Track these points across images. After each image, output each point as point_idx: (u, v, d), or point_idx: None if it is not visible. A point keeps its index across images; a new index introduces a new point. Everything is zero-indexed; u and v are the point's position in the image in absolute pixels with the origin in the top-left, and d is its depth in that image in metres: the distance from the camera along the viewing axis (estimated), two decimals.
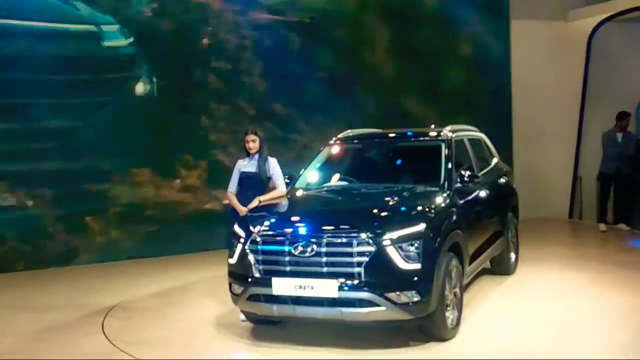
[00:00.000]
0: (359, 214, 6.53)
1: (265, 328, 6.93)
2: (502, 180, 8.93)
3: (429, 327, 6.32)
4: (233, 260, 6.58)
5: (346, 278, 5.94)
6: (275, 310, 6.30)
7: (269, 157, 7.73)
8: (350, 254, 5.96)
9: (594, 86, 13.62)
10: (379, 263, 5.93)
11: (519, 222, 9.44)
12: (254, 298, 6.37)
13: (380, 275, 5.94)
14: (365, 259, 5.91)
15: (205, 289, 8.72)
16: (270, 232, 6.40)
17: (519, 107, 13.95)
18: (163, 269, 10.32)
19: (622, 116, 12.07)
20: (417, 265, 5.99)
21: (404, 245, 5.99)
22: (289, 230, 6.33)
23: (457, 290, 6.63)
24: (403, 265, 5.95)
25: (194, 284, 9.25)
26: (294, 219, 6.67)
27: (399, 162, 8.04)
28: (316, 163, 8.02)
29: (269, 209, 7.09)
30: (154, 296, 8.67)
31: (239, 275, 6.50)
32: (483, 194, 7.96)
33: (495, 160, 9.04)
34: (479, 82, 13.76)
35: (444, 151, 7.45)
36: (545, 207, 13.47)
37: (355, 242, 5.97)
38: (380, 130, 8.57)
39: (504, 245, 8.64)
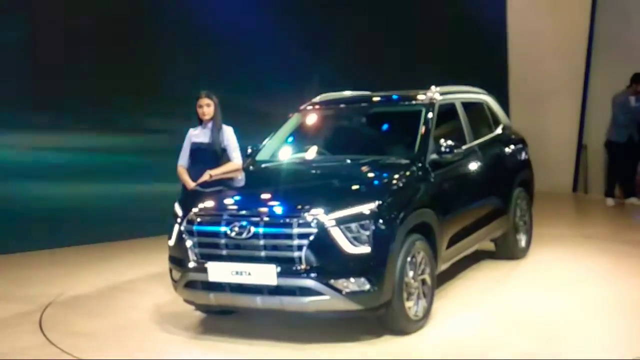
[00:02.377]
0: (306, 191, 6.12)
1: (217, 318, 6.59)
2: (508, 150, 8.28)
3: (385, 318, 5.86)
4: (172, 243, 6.21)
5: (286, 263, 5.54)
6: (212, 298, 5.94)
7: (224, 126, 7.37)
8: (290, 236, 5.54)
9: (601, 40, 12.66)
10: (322, 246, 5.51)
11: (533, 199, 8.80)
12: (191, 285, 6.02)
13: (324, 261, 5.52)
14: (307, 241, 5.49)
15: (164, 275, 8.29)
16: (206, 211, 6.03)
17: (515, 65, 13.17)
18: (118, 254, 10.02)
19: (639, 79, 11.37)
20: (367, 249, 5.54)
21: (352, 226, 5.54)
22: (226, 209, 5.96)
23: (427, 277, 6.12)
24: (350, 248, 5.51)
25: (153, 269, 8.80)
26: (233, 196, 6.36)
27: (373, 130, 7.53)
28: (282, 132, 7.55)
29: (221, 185, 6.74)
30: (105, 284, 8.32)
31: (176, 259, 6.15)
32: (473, 166, 7.37)
33: (500, 128, 8.38)
34: (469, 34, 12.99)
35: (423, 118, 6.90)
36: (546, 180, 12.34)
37: (295, 222, 5.55)
38: (360, 93, 8.01)
39: (508, 226, 8.02)
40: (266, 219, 5.66)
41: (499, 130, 8.33)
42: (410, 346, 5.74)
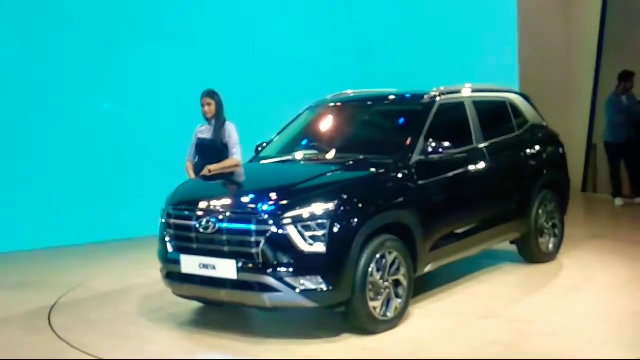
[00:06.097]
0: (273, 189, 6.19)
1: (208, 310, 6.86)
2: (531, 151, 8.03)
3: (348, 317, 5.96)
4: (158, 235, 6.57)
5: (246, 259, 5.75)
6: (186, 290, 6.29)
7: (227, 122, 7.65)
8: (249, 233, 5.74)
9: (611, 40, 12.29)
10: (278, 244, 5.68)
11: (566, 202, 8.59)
12: (169, 276, 6.36)
13: (280, 258, 5.68)
14: (264, 238, 5.67)
15: None
16: (181, 206, 6.32)
17: (525, 64, 12.77)
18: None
19: (627, 76, 11.33)
20: (322, 248, 5.65)
21: (308, 224, 5.67)
22: (198, 204, 6.21)
23: (401, 277, 6.12)
24: (304, 247, 5.65)
25: None
26: (210, 191, 6.61)
27: (371, 129, 7.53)
28: (289, 129, 7.72)
29: (214, 179, 7.07)
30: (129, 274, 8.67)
31: (160, 251, 6.49)
32: (476, 167, 7.20)
33: (526, 128, 8.13)
34: (478, 33, 12.72)
35: (415, 118, 6.89)
36: None
37: (254, 219, 5.75)
38: (367, 92, 7.97)
39: (525, 229, 7.79)
40: (229, 215, 5.89)
41: (524, 129, 8.11)
42: (367, 346, 5.75)
